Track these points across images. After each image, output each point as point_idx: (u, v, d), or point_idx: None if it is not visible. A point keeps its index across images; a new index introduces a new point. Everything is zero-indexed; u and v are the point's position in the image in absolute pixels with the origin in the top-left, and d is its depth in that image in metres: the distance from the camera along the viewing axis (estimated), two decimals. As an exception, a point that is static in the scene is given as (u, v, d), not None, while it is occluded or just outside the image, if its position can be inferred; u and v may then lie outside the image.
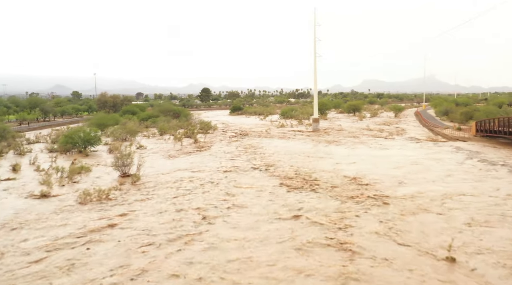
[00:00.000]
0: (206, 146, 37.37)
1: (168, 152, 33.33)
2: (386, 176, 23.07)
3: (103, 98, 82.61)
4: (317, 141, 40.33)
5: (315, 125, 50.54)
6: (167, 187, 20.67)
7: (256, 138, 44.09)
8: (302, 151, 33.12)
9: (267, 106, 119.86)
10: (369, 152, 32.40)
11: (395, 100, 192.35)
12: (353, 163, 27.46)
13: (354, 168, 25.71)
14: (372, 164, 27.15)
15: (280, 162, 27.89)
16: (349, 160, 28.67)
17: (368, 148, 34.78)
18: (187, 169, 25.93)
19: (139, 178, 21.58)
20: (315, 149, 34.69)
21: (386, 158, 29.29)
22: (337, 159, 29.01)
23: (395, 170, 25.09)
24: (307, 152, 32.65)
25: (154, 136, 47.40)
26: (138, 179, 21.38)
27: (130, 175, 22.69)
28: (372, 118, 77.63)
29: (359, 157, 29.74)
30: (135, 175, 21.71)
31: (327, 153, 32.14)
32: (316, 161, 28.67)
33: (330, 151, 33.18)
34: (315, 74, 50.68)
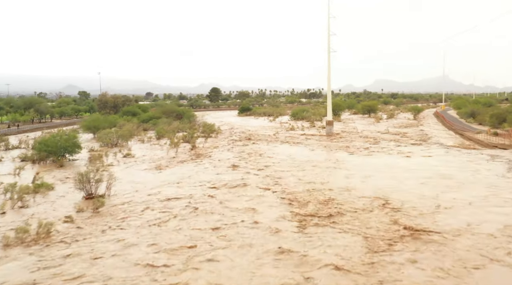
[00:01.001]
0: (204, 153, 32.63)
1: (158, 162, 28.66)
2: (416, 196, 18.26)
3: (104, 98, 78.39)
4: (331, 147, 35.34)
5: (328, 128, 45.51)
6: (137, 216, 15.90)
7: (263, 143, 39.29)
8: (314, 161, 28.20)
9: (277, 107, 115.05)
10: (391, 162, 27.35)
11: (409, 100, 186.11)
12: (375, 176, 22.48)
13: (376, 183, 20.81)
14: (396, 178, 22.23)
15: (288, 175, 23.04)
16: (369, 172, 23.67)
17: (390, 157, 29.73)
18: (172, 184, 21.22)
19: (103, 203, 16.74)
20: (329, 158, 29.72)
21: (411, 170, 24.27)
22: (356, 171, 24.03)
23: (425, 186, 20.21)
24: (320, 162, 27.71)
25: (150, 140, 42.82)
26: (102, 204, 16.57)
27: (98, 197, 18.01)
28: (389, 119, 72.32)
29: (380, 169, 24.71)
30: (99, 199, 16.89)
31: (343, 163, 27.16)
32: (331, 174, 23.73)
33: (347, 161, 28.19)
34: (328, 71, 45.65)
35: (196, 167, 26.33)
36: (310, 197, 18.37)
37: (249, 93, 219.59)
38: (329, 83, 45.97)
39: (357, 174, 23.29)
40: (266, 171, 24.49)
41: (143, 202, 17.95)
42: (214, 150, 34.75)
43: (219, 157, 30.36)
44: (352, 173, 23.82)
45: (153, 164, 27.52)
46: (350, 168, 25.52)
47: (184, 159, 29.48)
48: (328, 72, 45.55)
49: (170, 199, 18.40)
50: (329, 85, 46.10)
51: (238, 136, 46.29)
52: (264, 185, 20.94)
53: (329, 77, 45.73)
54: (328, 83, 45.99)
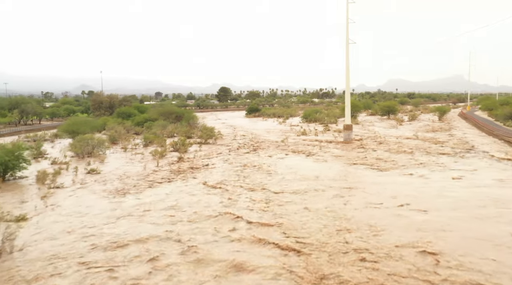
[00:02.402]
0: (191, 167, 25.79)
1: (128, 181, 21.90)
2: (488, 246, 11.35)
3: (98, 98, 72.11)
4: (352, 160, 28.24)
5: (346, 134, 38.35)
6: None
7: (268, 152, 32.38)
8: (331, 182, 21.19)
9: (288, 107, 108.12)
10: (438, 185, 20.18)
11: (427, 100, 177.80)
12: (428, 213, 15.40)
13: (418, 221, 13.75)
14: (445, 211, 15.14)
15: (296, 210, 16.09)
16: (418, 205, 16.57)
17: (433, 176, 22.55)
18: (125, 218, 14.45)
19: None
20: (351, 179, 22.63)
21: (465, 199, 17.12)
22: (399, 201, 16.95)
23: (497, 227, 13.20)
24: (339, 185, 20.67)
25: (135, 148, 36.18)
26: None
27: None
28: (411, 121, 64.86)
29: (431, 199, 17.53)
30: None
31: (371, 187, 20.09)
32: (363, 209, 16.67)
33: (380, 183, 21.09)
34: (347, 65, 38.40)
35: (171, 191, 19.50)
36: (328, 253, 11.41)
37: (260, 93, 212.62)
38: (347, 79, 38.80)
39: (411, 209, 16.23)
40: (268, 203, 17.55)
41: (60, 257, 11.24)
42: (206, 161, 27.94)
43: (208, 174, 23.47)
44: (385, 203, 16.79)
45: (117, 186, 20.73)
46: (381, 194, 18.46)
47: (162, 177, 22.66)
48: (347, 66, 38.40)
49: (107, 248, 11.69)
50: (348, 81, 38.91)
51: (240, 142, 39.44)
52: (258, 232, 13.98)
53: (347, 72, 38.56)
54: (347, 79, 38.81)
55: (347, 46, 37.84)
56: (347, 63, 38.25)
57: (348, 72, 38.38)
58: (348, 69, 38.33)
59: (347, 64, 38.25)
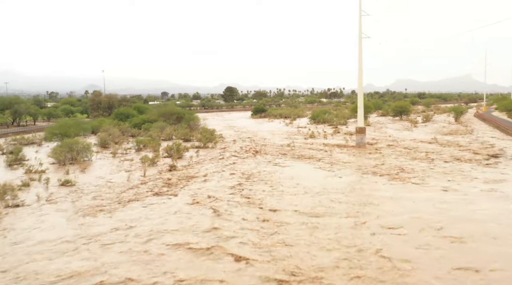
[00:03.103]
0: (182, 178, 22.49)
1: (103, 196, 18.64)
2: None
3: (97, 98, 69.16)
4: (367, 169, 24.74)
5: (359, 138, 34.87)
6: None
7: (271, 157, 29.04)
8: (345, 197, 17.78)
9: (295, 107, 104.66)
10: (474, 202, 16.71)
11: (437, 100, 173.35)
12: (464, 242, 11.99)
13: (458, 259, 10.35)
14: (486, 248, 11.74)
15: (303, 242, 12.72)
16: (448, 230, 13.13)
17: (462, 188, 19.09)
18: (74, 252, 11.21)
19: None
20: (368, 193, 19.17)
21: None
22: (424, 223, 13.55)
23: None
24: (356, 202, 17.24)
25: (126, 153, 33.02)
26: None
27: None
28: (425, 123, 61.13)
29: (461, 222, 14.05)
30: None
31: (394, 204, 16.67)
32: (381, 234, 13.24)
33: (399, 198, 17.63)
34: (359, 61, 34.81)
35: (152, 211, 16.20)
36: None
37: (267, 92, 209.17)
38: (360, 77, 35.26)
39: (416, 228, 12.86)
40: (269, 229, 14.22)
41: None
42: (200, 170, 24.66)
43: (200, 187, 20.14)
44: (407, 226, 13.39)
45: (90, 202, 17.46)
46: (401, 213, 15.03)
47: (146, 191, 19.38)
48: (359, 63, 34.88)
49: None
50: (361, 80, 35.38)
51: (241, 146, 36.14)
52: (251, 273, 10.65)
53: (360, 69, 35.05)
54: (360, 78, 35.27)
55: (360, 41, 34.36)
56: (359, 60, 34.76)
57: (361, 70, 34.89)
58: (361, 66, 34.84)
59: (360, 61, 34.77)
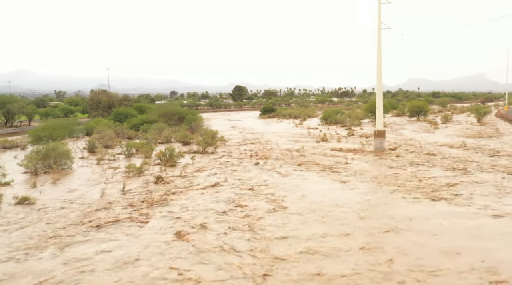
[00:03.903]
0: (168, 193, 18.62)
1: (61, 220, 14.82)
2: None
3: (96, 98, 65.75)
4: (390, 181, 20.66)
5: (378, 142, 30.70)
6: None
7: (278, 165, 25.09)
8: (364, 222, 13.78)
9: (305, 107, 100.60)
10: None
11: (452, 99, 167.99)
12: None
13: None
14: None
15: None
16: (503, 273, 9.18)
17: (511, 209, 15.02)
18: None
19: None
20: (394, 216, 15.09)
21: None
22: (472, 262, 9.56)
23: None
24: (379, 227, 13.22)
25: (115, 158, 29.32)
26: None
27: None
28: (446, 124, 56.71)
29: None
30: None
31: (428, 231, 12.64)
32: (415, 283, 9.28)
33: (434, 223, 13.56)
34: (378, 53, 30.56)
35: (116, 247, 12.36)
36: None
37: (276, 92, 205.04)
38: (379, 73, 30.99)
39: (459, 267, 8.88)
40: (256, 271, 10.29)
41: None
42: (193, 181, 20.79)
43: (186, 208, 16.20)
44: (449, 264, 9.39)
45: (39, 231, 13.64)
46: (438, 247, 11.01)
47: (118, 213, 15.50)
48: (378, 57, 30.68)
49: None
50: (380, 76, 31.09)
51: (245, 151, 32.26)
52: None
53: (379, 64, 30.83)
54: (378, 74, 31.00)
55: (378, 31, 30.22)
56: (378, 53, 30.61)
57: (379, 65, 30.70)
58: (380, 60, 30.66)
59: (379, 55, 30.61)
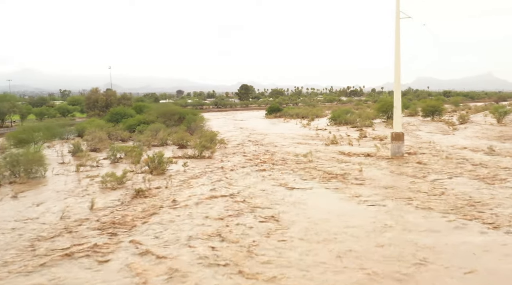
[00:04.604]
0: (144, 214, 15.25)
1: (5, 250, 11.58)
2: None
3: (94, 96, 62.71)
4: (416, 196, 17.13)
5: (396, 146, 27.04)
6: None
7: (281, 174, 21.65)
8: (389, 263, 10.33)
9: (313, 106, 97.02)
10: None
11: (464, 98, 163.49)
12: None
13: None
14: None
15: None
16: None
17: None
18: None
19: None
20: (431, 249, 11.60)
21: None
22: None
23: None
24: (414, 264, 9.77)
25: (98, 165, 26.02)
26: None
27: None
28: (464, 125, 52.87)
29: None
30: None
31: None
32: None
33: (487, 263, 10.14)
34: (396, 45, 26.77)
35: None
36: None
37: (284, 91, 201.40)
38: (397, 67, 27.27)
39: None
40: None
41: None
42: (179, 195, 17.42)
43: (161, 237, 12.84)
44: None
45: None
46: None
47: (74, 245, 12.21)
48: (396, 49, 26.97)
49: None
50: (398, 70, 27.31)
51: (245, 155, 28.86)
52: None
53: (397, 57, 27.10)
54: (396, 68, 27.27)
55: (397, 21, 26.59)
56: (396, 45, 26.95)
57: (398, 58, 26.98)
58: (399, 53, 26.97)
59: (397, 46, 26.94)
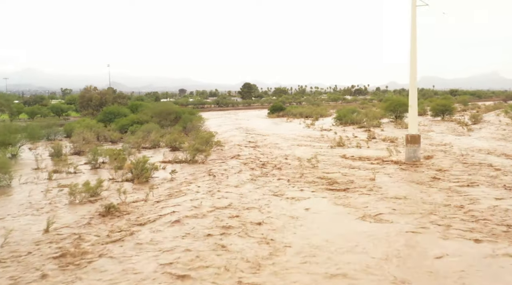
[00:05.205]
0: (115, 234, 12.35)
1: None
2: None
3: (88, 95, 59.94)
4: (449, 214, 14.15)
5: (411, 150, 23.93)
6: None
7: (279, 183, 18.72)
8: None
9: (317, 105, 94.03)
10: None
11: (471, 97, 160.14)
12: None
13: None
14: None
15: None
16: None
17: None
18: None
19: None
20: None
21: None
22: None
23: None
24: None
25: (76, 171, 23.16)
26: None
27: None
28: (477, 124, 49.79)
29: None
30: None
31: None
32: None
33: None
34: (412, 35, 23.71)
35: None
36: None
37: (287, 89, 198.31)
38: (413, 61, 24.17)
39: None
40: None
41: None
42: (160, 211, 14.52)
43: (122, 276, 9.97)
44: None
45: None
46: None
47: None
48: (412, 40, 23.88)
49: None
50: (414, 64, 24.21)
51: (242, 159, 25.93)
52: None
53: (413, 49, 24.04)
54: (412, 62, 24.17)
55: (413, 9, 23.56)
56: (412, 36, 23.88)
57: (414, 50, 23.85)
58: (415, 44, 23.83)
59: (413, 37, 23.86)
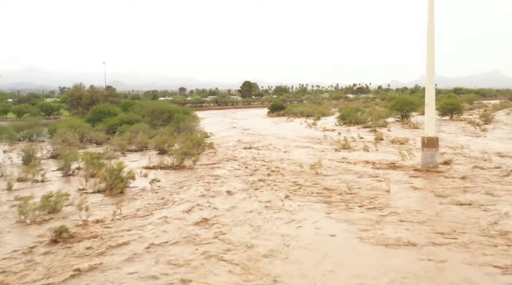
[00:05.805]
0: (57, 269, 9.51)
1: None
2: None
3: (78, 93, 57.07)
4: (493, 241, 11.27)
5: (428, 154, 20.90)
6: None
7: (277, 197, 15.80)
8: None
9: (319, 104, 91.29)
10: None
11: (476, 96, 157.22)
12: None
13: None
14: None
15: None
16: None
17: None
18: None
19: None
20: None
21: None
22: None
23: None
24: None
25: (44, 180, 20.28)
26: None
27: None
28: (488, 124, 46.89)
29: None
30: None
31: None
32: None
33: None
34: (429, 26, 20.87)
35: None
36: None
37: (288, 88, 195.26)
38: (430, 55, 21.16)
39: None
40: None
41: None
42: (127, 237, 11.64)
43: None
44: None
45: None
46: None
47: None
48: (429, 30, 20.91)
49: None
50: (432, 59, 21.25)
51: (235, 166, 23.01)
52: None
53: (431, 39, 21.04)
54: (429, 56, 21.17)
55: (430, 1, 20.57)
56: (429, 28, 20.83)
57: (431, 42, 20.85)
58: (432, 36, 20.84)
59: (430, 29, 20.84)
